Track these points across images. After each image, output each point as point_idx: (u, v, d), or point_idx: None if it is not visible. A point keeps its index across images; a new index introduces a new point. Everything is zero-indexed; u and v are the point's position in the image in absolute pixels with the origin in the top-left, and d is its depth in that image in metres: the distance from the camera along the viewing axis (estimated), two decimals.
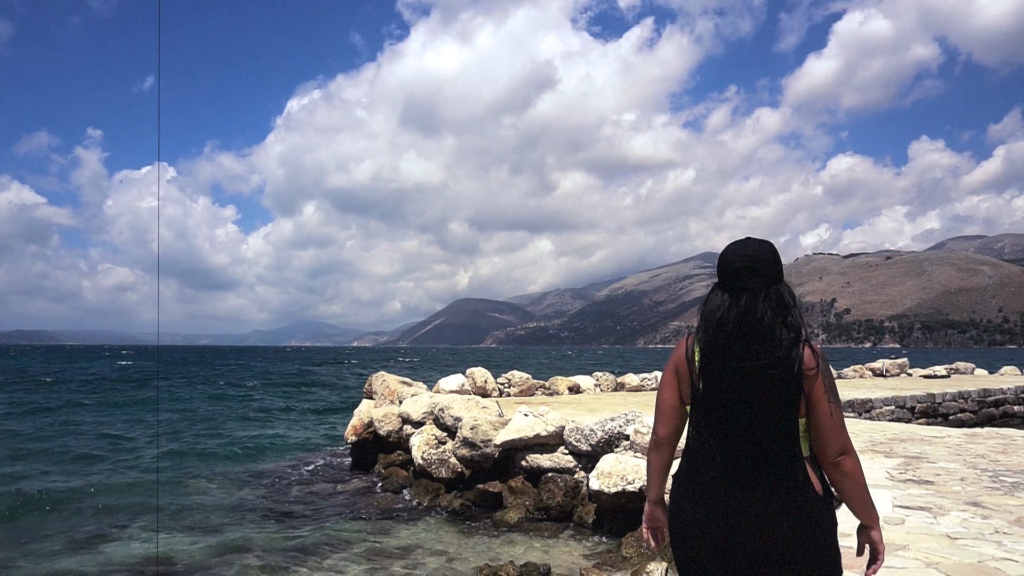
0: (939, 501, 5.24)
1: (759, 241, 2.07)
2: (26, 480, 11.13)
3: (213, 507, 9.39)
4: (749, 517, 1.93)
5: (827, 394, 1.93)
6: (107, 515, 8.95)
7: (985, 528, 4.48)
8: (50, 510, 9.10)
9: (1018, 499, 5.32)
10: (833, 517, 1.98)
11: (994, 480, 6.06)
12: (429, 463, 9.43)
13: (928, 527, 4.51)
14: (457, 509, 8.69)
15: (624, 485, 7.17)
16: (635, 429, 7.62)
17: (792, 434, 1.95)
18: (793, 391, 1.91)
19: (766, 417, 1.94)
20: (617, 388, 16.05)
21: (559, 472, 8.33)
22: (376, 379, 12.66)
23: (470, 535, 7.77)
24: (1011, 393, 17.01)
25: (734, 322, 1.96)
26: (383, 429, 10.97)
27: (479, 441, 8.81)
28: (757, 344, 1.94)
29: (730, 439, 1.98)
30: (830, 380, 1.96)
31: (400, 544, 7.50)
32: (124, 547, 7.57)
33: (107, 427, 18.04)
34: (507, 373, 14.98)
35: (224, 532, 8.15)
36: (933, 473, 6.39)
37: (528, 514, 8.15)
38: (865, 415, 13.20)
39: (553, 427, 8.42)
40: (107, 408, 23.23)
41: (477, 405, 9.68)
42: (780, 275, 2.02)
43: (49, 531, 8.21)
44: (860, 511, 2.04)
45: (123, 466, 12.41)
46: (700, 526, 2.00)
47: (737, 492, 1.96)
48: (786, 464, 1.94)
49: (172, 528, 8.33)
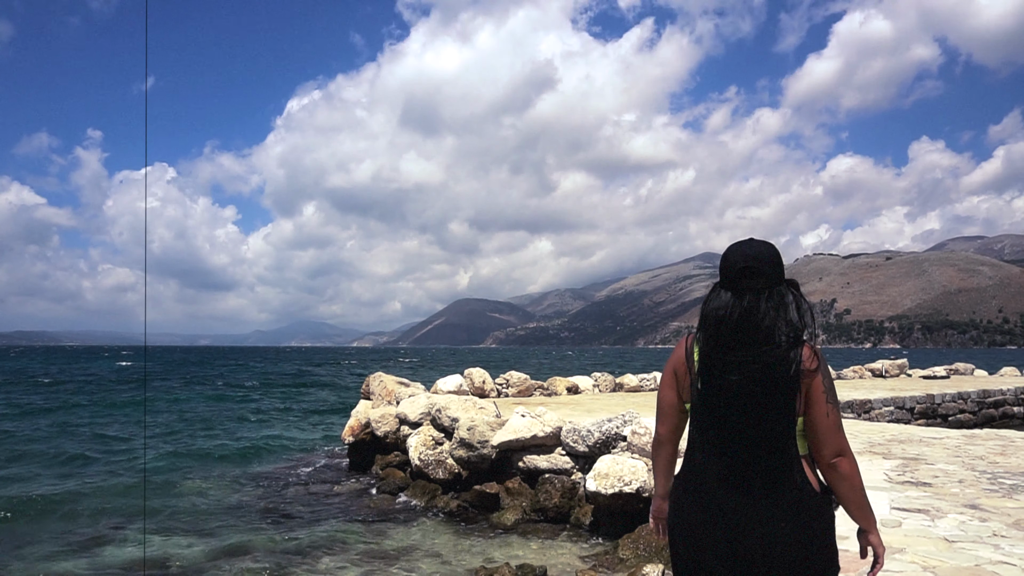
0: (937, 503, 5.21)
1: (762, 242, 2.09)
2: (21, 482, 11.08)
3: (209, 509, 9.35)
4: (748, 516, 1.94)
5: (824, 394, 1.93)
6: (102, 517, 8.90)
7: (983, 531, 4.44)
8: (45, 512, 9.06)
9: (1016, 501, 5.29)
10: (831, 516, 1.98)
11: (992, 482, 6.03)
12: (426, 464, 9.40)
13: (925, 530, 4.47)
14: (454, 510, 8.65)
15: (621, 486, 7.13)
16: (632, 430, 7.59)
17: (789, 433, 1.95)
18: (791, 390, 1.92)
19: (764, 416, 1.94)
20: (616, 389, 16.02)
21: (556, 473, 8.29)
22: (374, 380, 12.63)
23: (467, 536, 7.73)
24: (1011, 394, 16.98)
25: (736, 321, 1.98)
26: (380, 430, 10.94)
27: (476, 442, 8.77)
28: (757, 343, 1.95)
29: (728, 438, 1.99)
30: (828, 381, 1.97)
31: (396, 546, 7.46)
32: (119, 550, 7.54)
33: (104, 428, 18.01)
34: (505, 374, 14.95)
35: (219, 534, 8.12)
36: (931, 475, 6.36)
37: (525, 515, 8.11)
38: (864, 416, 13.16)
39: (550, 428, 8.39)
40: (104, 409, 23.18)
41: (474, 406, 9.64)
42: (781, 276, 2.04)
43: (44, 534, 8.15)
44: (857, 514, 2.03)
45: (120, 468, 12.37)
46: (702, 526, 2.01)
47: (735, 491, 1.96)
48: (783, 463, 1.94)
49: (167, 530, 8.29)
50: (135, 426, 18.62)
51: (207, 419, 20.19)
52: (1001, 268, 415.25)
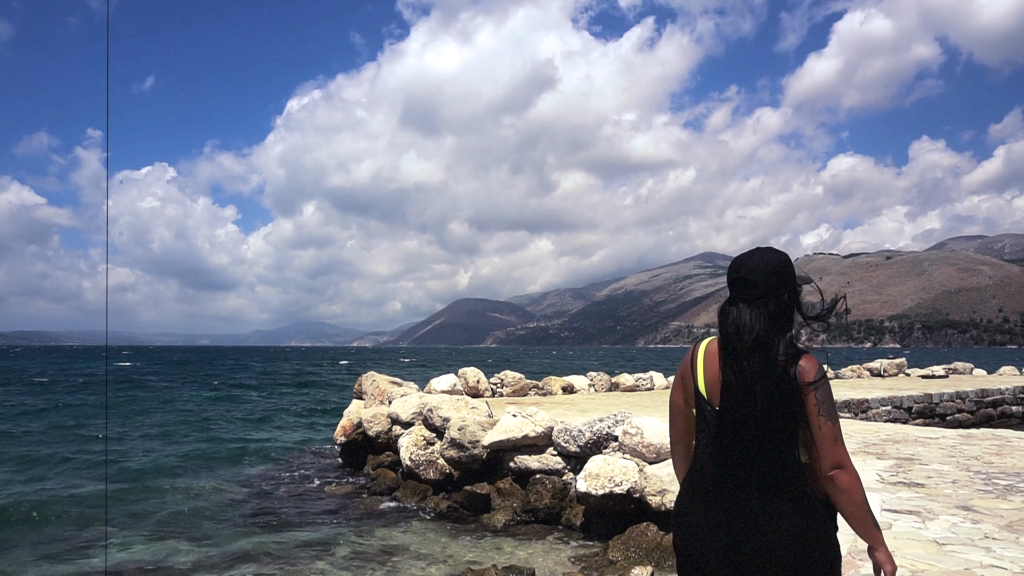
0: (929, 505, 5.12)
1: (765, 251, 2.07)
2: (4, 487, 10.94)
3: (199, 511, 9.25)
4: (747, 522, 1.95)
5: (817, 407, 1.93)
6: (87, 524, 8.76)
7: (974, 533, 4.35)
8: (36, 518, 8.88)
9: (1010, 503, 5.20)
10: (833, 523, 1.98)
11: (987, 483, 5.94)
12: (417, 464, 9.31)
13: (916, 532, 4.39)
14: (444, 511, 8.57)
15: (612, 487, 7.05)
16: (624, 430, 7.50)
17: (788, 442, 1.95)
18: (788, 402, 1.93)
19: (762, 425, 1.95)
20: (612, 388, 15.94)
21: (547, 474, 8.21)
22: (366, 379, 12.54)
23: (456, 537, 7.65)
24: (1009, 393, 16.89)
25: (730, 333, 2.00)
26: (372, 430, 10.85)
27: (467, 442, 8.69)
28: (753, 355, 1.96)
29: (727, 444, 2.00)
30: (824, 393, 1.94)
31: (385, 547, 7.38)
32: (101, 556, 7.43)
33: (100, 430, 17.92)
34: (500, 373, 14.87)
35: (208, 536, 8.03)
36: (925, 475, 6.27)
37: (516, 516, 8.02)
38: (861, 416, 13.08)
39: (541, 428, 8.30)
40: (100, 410, 23.09)
41: (466, 405, 9.56)
42: (779, 286, 2.01)
43: (28, 540, 7.99)
44: (858, 529, 1.99)
45: (112, 470, 12.25)
46: (704, 529, 2.02)
47: (734, 497, 1.98)
48: (782, 471, 1.95)
49: (154, 533, 8.21)
50: (133, 428, 18.52)
51: (202, 419, 20.10)
52: (1001, 267, 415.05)
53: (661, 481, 6.73)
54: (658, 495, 6.69)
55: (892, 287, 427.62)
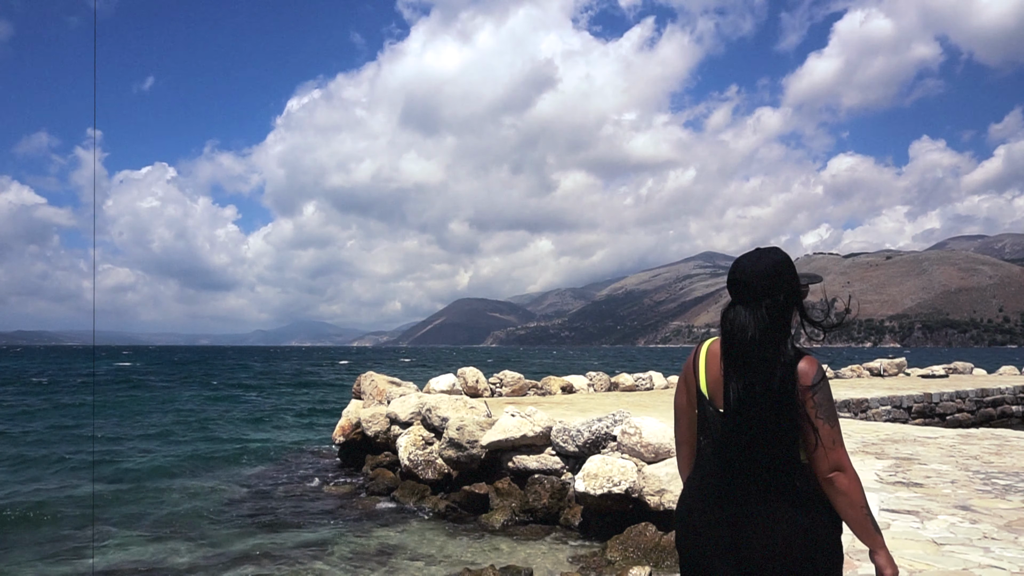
0: (927, 504, 5.10)
1: (763, 252, 2.06)
2: (1, 487, 10.92)
3: (197, 511, 9.24)
4: (748, 522, 1.95)
5: (816, 409, 1.92)
6: (82, 524, 8.74)
7: (973, 533, 4.33)
8: (32, 518, 8.88)
9: (1009, 502, 5.18)
10: (835, 522, 1.97)
11: (986, 482, 5.92)
12: (415, 464, 9.30)
13: (914, 532, 4.37)
14: (443, 511, 8.55)
15: (610, 487, 7.03)
16: (622, 430, 7.48)
17: (788, 443, 1.94)
18: (786, 403, 1.92)
19: (763, 426, 1.94)
20: (611, 388, 15.92)
21: (546, 473, 8.19)
22: (365, 379, 12.52)
23: (454, 537, 7.64)
24: (1009, 393, 16.87)
25: (727, 334, 2.01)
26: (371, 430, 10.83)
27: (465, 442, 8.67)
28: (751, 357, 1.96)
29: (727, 444, 2.00)
30: (822, 395, 1.94)
31: (383, 547, 7.37)
32: (102, 557, 7.42)
33: (97, 430, 17.90)
34: (499, 373, 14.85)
35: (206, 536, 8.02)
36: (923, 475, 6.25)
37: (514, 516, 8.01)
38: (860, 415, 13.06)
39: (540, 428, 8.28)
40: (99, 410, 23.07)
41: (465, 405, 9.54)
42: (773, 288, 2.00)
43: (23, 541, 7.97)
44: (858, 532, 1.97)
45: (110, 470, 12.24)
46: (706, 527, 2.02)
47: (736, 497, 1.98)
48: (783, 472, 1.95)
49: (152, 535, 8.19)
50: (132, 427, 18.51)
51: (201, 419, 20.09)
52: (1002, 267, 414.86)
53: (659, 481, 6.71)
54: (656, 495, 6.67)
55: (892, 287, 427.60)
